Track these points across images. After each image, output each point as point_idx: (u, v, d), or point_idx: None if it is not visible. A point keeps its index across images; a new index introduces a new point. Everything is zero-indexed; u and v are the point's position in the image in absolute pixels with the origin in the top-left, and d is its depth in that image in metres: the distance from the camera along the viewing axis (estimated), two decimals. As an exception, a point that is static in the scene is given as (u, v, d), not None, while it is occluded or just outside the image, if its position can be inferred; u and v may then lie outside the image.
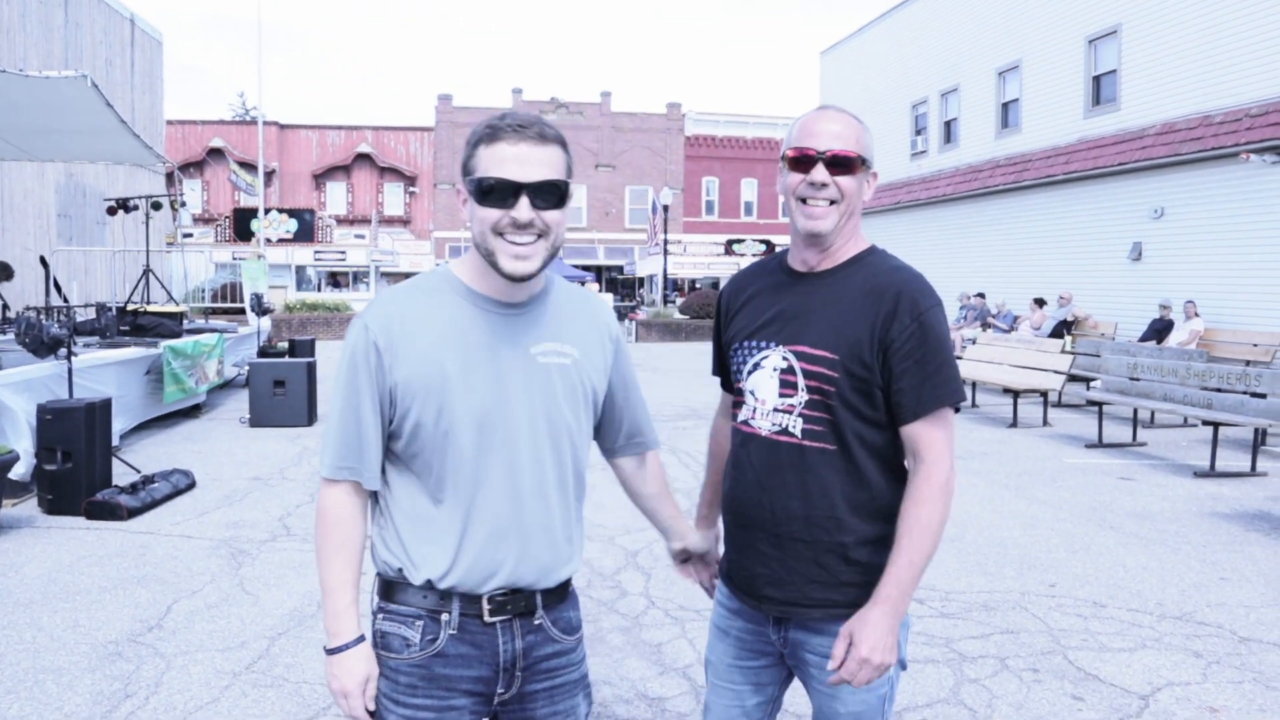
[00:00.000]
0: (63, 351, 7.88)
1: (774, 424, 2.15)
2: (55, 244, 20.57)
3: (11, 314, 14.71)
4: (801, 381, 2.11)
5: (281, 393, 11.41)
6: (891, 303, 2.08)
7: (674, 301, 36.41)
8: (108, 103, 12.14)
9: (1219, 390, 10.48)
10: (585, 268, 45.82)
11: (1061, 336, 17.72)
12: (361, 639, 1.97)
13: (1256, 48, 16.26)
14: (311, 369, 11.89)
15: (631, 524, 7.00)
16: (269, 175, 43.20)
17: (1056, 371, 13.01)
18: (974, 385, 14.83)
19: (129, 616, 5.03)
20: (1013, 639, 4.85)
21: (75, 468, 7.10)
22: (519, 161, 1.86)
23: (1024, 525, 7.20)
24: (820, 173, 2.11)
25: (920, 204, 27.11)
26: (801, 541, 2.13)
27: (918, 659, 4.57)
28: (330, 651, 1.96)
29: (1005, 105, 23.70)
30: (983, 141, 24.52)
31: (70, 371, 7.94)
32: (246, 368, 13.08)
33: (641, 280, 47.48)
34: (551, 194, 1.89)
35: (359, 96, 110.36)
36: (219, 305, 25.52)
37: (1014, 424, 12.58)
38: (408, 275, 43.80)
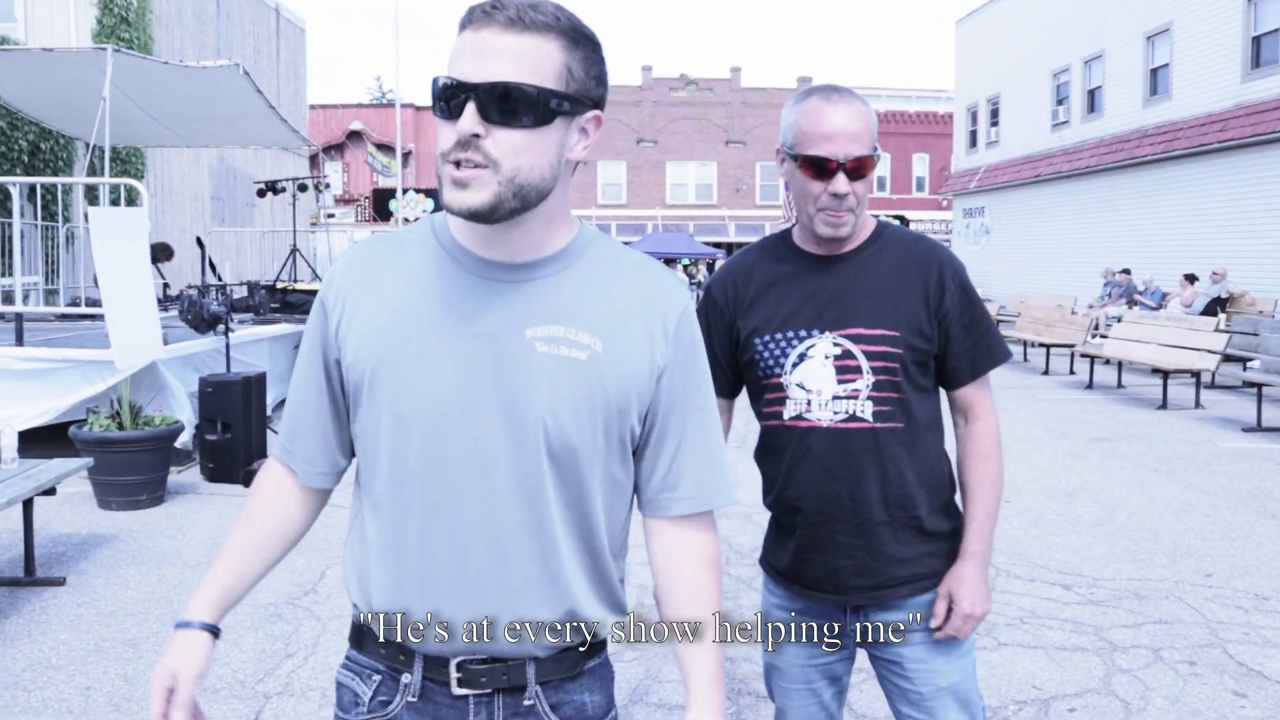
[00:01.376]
0: (221, 328, 8.29)
1: (838, 412, 2.08)
2: (209, 225, 21.58)
3: (172, 292, 15.53)
4: (865, 364, 2.06)
5: (422, 369, 11.76)
6: (936, 272, 2.10)
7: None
8: (257, 89, 12.68)
9: (1392, 372, 9.85)
10: (716, 245, 45.74)
11: (1215, 314, 16.89)
12: (206, 628, 1.52)
13: None
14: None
15: (748, 503, 7.00)
16: (406, 156, 44.42)
17: (1210, 351, 12.42)
18: (1120, 365, 14.28)
19: (286, 581, 5.28)
20: (1167, 629, 4.68)
21: (234, 438, 7.48)
22: (474, 54, 1.32)
23: (1176, 511, 6.92)
24: (841, 183, 2.00)
25: (1061, 177, 26.09)
26: (883, 524, 2.11)
27: (1065, 646, 4.45)
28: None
29: (1154, 71, 22.60)
30: (1129, 110, 23.44)
31: (228, 347, 8.35)
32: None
33: (772, 257, 47.21)
34: (510, 104, 1.31)
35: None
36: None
37: (1164, 405, 12.07)
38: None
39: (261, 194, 17.94)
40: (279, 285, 14.55)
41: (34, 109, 13.59)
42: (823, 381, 2.08)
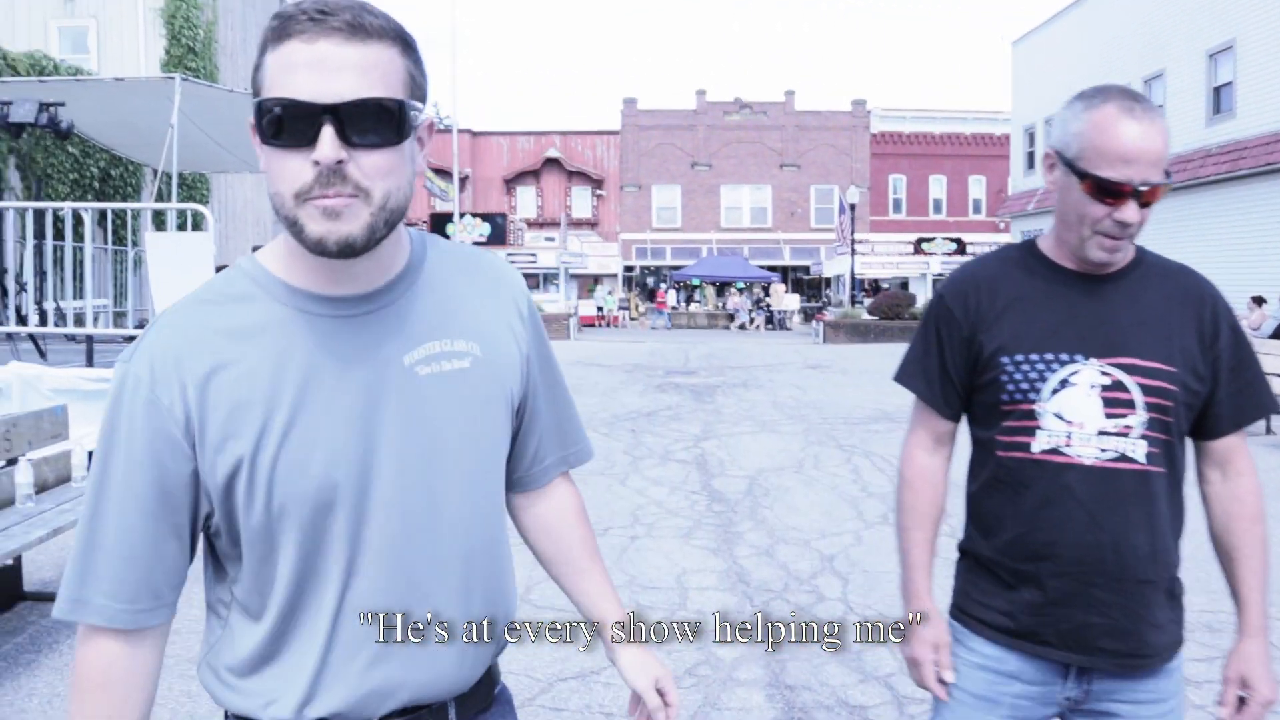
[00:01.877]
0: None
1: (1104, 450, 1.84)
2: (271, 249, 22.01)
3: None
4: (1140, 399, 1.83)
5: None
6: (1210, 309, 1.91)
7: (861, 302, 35.87)
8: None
9: None
10: (771, 268, 45.64)
11: (1285, 338, 16.51)
12: None
13: None
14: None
15: (827, 528, 6.94)
16: (462, 181, 44.94)
17: (1281, 375, 12.13)
18: (1186, 389, 13.99)
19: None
20: (1241, 662, 4.54)
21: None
22: (315, 69, 1.16)
23: (1248, 540, 6.73)
24: (1130, 211, 1.77)
25: (1124, 198, 25.75)
26: (1144, 582, 1.88)
27: (1135, 678, 4.35)
28: None
29: (1217, 89, 22.24)
30: (1191, 129, 23.06)
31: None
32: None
33: (827, 280, 46.94)
34: (375, 121, 1.19)
35: (547, 103, 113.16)
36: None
37: (1232, 431, 11.79)
38: (596, 277, 44.81)
39: (323, 218, 18.26)
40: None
41: (105, 137, 13.97)
42: (1087, 413, 1.84)
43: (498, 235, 40.69)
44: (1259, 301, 18.24)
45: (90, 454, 1.38)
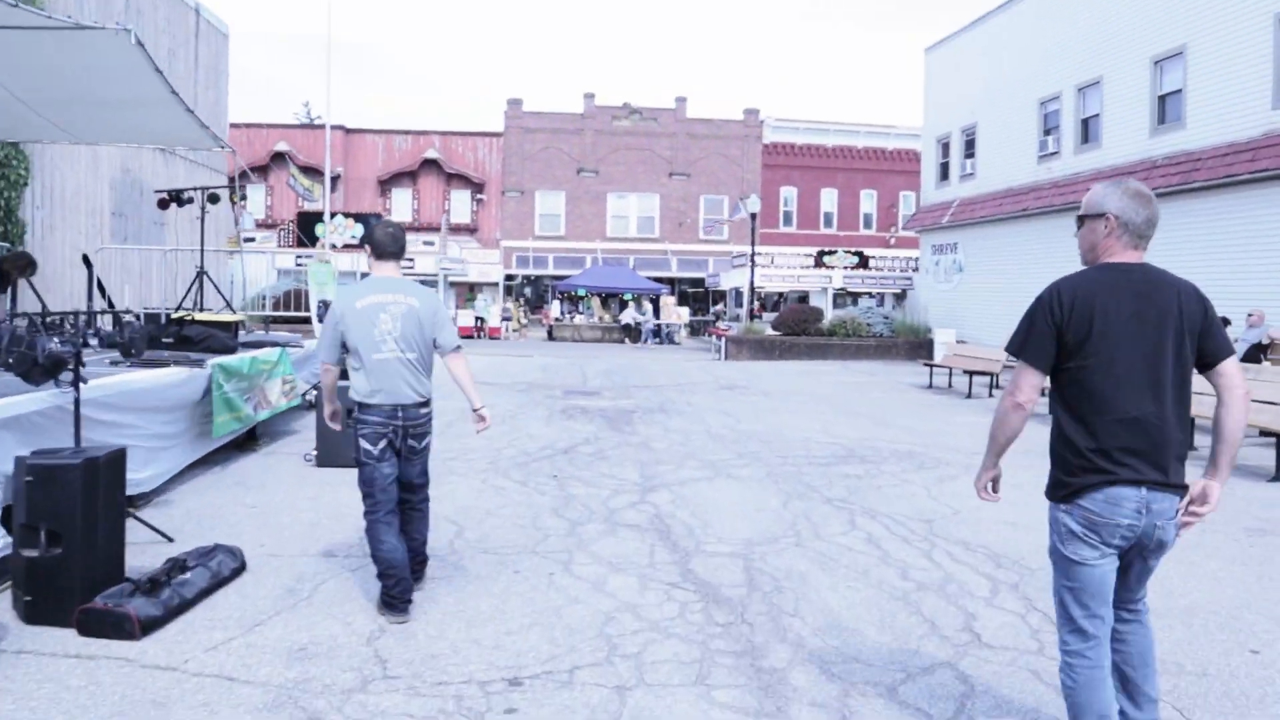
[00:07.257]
0: (66, 376, 5.58)
1: None
2: (107, 243, 18.71)
3: (49, 318, 12.64)
4: None
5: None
6: None
7: (758, 316, 33.94)
8: (155, 66, 9.99)
9: None
10: (658, 279, 43.34)
11: (1258, 361, 15.00)
12: None
13: None
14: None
15: (897, 650, 4.61)
16: (334, 180, 41.49)
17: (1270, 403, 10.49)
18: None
19: None
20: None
21: (67, 554, 4.71)
22: None
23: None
24: None
25: (1054, 210, 24.14)
26: None
27: None
28: None
29: (1162, 98, 20.84)
30: (1134, 139, 21.62)
31: (77, 404, 5.63)
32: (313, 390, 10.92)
33: (721, 293, 45.02)
34: None
35: (427, 103, 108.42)
36: (280, 315, 23.51)
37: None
38: (473, 285, 41.95)
39: (164, 205, 15.15)
40: (179, 315, 11.80)
41: None
42: None
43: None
44: (1224, 322, 16.79)
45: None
